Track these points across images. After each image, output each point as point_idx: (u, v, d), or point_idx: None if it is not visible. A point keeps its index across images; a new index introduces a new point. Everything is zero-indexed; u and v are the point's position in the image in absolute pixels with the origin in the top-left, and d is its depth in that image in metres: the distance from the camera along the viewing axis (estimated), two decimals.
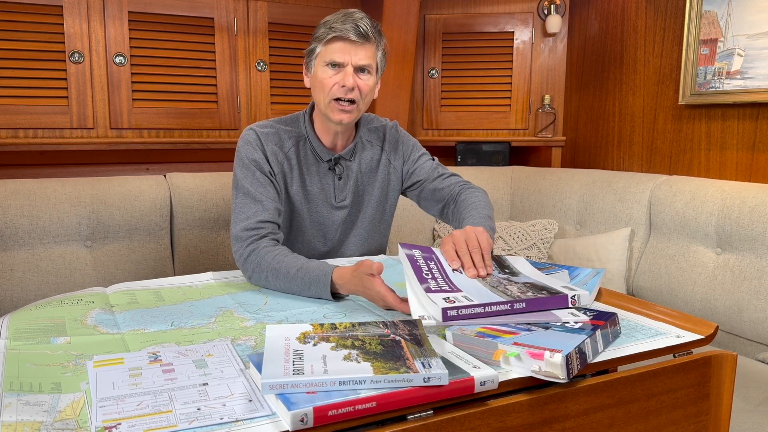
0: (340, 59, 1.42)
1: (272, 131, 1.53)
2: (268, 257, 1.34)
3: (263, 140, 1.50)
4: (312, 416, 0.71)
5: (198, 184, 2.23)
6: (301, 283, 1.27)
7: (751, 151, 2.19)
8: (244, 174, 1.47)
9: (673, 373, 0.96)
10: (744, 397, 1.53)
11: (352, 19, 1.41)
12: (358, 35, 1.41)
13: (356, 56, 1.42)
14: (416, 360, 0.81)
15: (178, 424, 0.71)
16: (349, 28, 1.40)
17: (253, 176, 1.46)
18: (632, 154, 2.67)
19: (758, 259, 1.85)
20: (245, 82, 2.62)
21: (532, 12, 2.93)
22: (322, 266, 1.27)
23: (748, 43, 2.13)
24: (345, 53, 1.42)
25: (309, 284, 1.26)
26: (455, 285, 1.09)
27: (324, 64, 1.44)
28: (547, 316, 1.02)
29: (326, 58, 1.43)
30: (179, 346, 0.96)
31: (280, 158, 1.52)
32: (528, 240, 2.43)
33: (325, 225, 1.59)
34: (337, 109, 1.45)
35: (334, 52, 1.42)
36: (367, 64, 1.44)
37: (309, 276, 1.26)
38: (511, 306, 1.02)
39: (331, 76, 1.43)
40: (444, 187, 1.63)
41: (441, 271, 1.15)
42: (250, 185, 1.45)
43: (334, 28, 1.41)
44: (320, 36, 1.44)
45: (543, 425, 0.85)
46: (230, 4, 2.56)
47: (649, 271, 2.17)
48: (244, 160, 1.49)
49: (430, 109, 3.00)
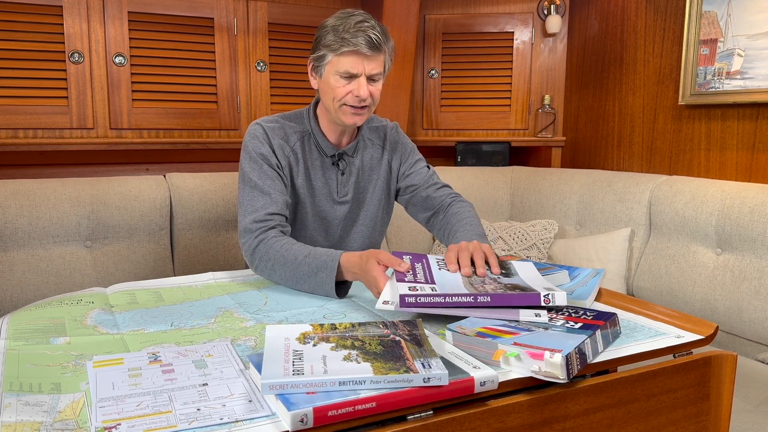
0: (354, 71, 1.45)
1: (278, 126, 1.55)
2: (276, 246, 1.36)
3: (270, 134, 1.53)
4: (312, 416, 0.71)
5: (198, 185, 2.23)
6: (308, 269, 1.28)
7: (751, 151, 2.19)
8: (252, 167, 1.48)
9: (673, 373, 0.96)
10: (744, 397, 1.53)
11: (362, 31, 1.42)
12: (371, 48, 1.43)
13: (369, 66, 1.45)
14: (416, 360, 0.81)
15: (177, 425, 0.71)
16: (362, 42, 1.41)
17: (260, 169, 1.48)
18: (632, 154, 2.67)
19: (758, 259, 1.85)
20: (245, 83, 2.62)
21: (532, 12, 2.92)
22: (330, 252, 1.29)
23: (748, 43, 2.13)
24: (358, 64, 1.44)
25: (316, 270, 1.27)
26: (432, 279, 1.10)
27: (336, 74, 1.46)
28: (510, 313, 1.01)
29: (339, 68, 1.45)
30: (179, 346, 0.96)
31: (286, 152, 1.54)
32: (528, 240, 2.43)
33: (328, 219, 1.61)
34: (350, 113, 1.49)
35: (348, 64, 1.44)
36: (378, 72, 1.47)
37: (317, 261, 1.28)
38: (474, 299, 1.02)
39: (344, 86, 1.46)
40: (435, 197, 1.65)
41: (425, 269, 1.15)
42: (258, 178, 1.46)
43: (346, 41, 1.42)
44: (331, 45, 1.44)
45: (543, 425, 0.85)
46: (230, 4, 2.55)
47: (649, 272, 2.17)
48: (252, 153, 1.50)
49: (429, 109, 3.00)
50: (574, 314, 1.02)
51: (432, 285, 1.07)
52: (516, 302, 1.02)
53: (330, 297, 1.27)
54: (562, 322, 0.99)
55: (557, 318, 1.01)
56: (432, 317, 1.10)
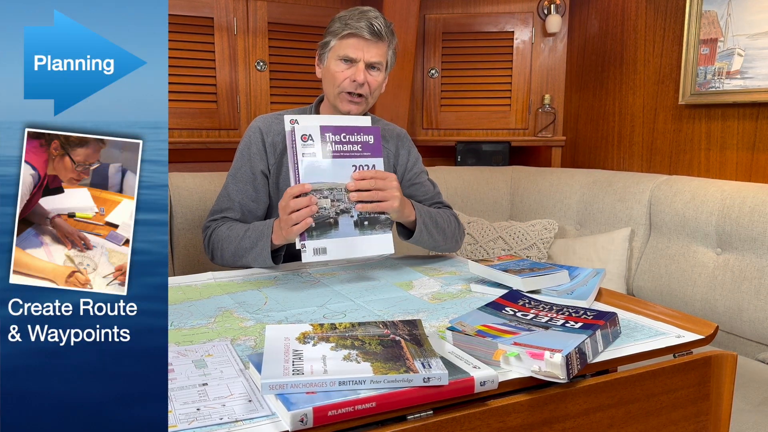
0: (353, 55, 1.49)
1: (276, 121, 1.60)
2: (223, 228, 1.53)
3: (264, 132, 1.59)
4: (312, 416, 0.71)
5: (198, 184, 2.23)
6: (249, 242, 1.42)
7: (751, 151, 2.19)
8: (234, 167, 1.61)
9: (673, 373, 0.96)
10: (744, 397, 1.53)
11: (366, 17, 1.47)
12: (371, 33, 1.47)
13: (368, 53, 1.49)
14: (416, 360, 0.81)
15: (177, 425, 0.71)
16: (363, 26, 1.46)
17: (239, 172, 1.59)
18: (632, 153, 2.67)
19: (758, 259, 1.85)
20: (245, 82, 2.62)
21: (532, 12, 2.92)
22: (266, 222, 1.44)
23: (748, 43, 2.13)
24: (358, 49, 1.49)
25: (256, 240, 1.41)
26: (337, 154, 1.29)
27: (337, 58, 1.51)
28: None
29: (340, 52, 1.50)
30: (179, 346, 0.96)
31: (278, 149, 1.59)
32: (528, 240, 2.43)
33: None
34: (346, 100, 1.53)
35: (348, 47, 1.49)
36: (377, 61, 1.51)
37: (256, 232, 1.42)
38: (295, 180, 1.23)
39: (343, 71, 1.50)
40: None
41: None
42: (232, 181, 1.60)
43: (349, 25, 1.47)
44: (335, 30, 1.50)
45: (543, 425, 0.85)
46: (230, 4, 2.55)
47: (649, 271, 2.17)
48: (242, 151, 1.60)
49: (429, 109, 3.00)
50: (574, 314, 1.02)
51: (320, 155, 1.27)
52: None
53: (269, 265, 1.42)
54: (562, 321, 0.99)
55: (557, 318, 1.01)
56: (431, 318, 1.10)
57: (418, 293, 1.28)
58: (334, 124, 1.30)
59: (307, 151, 1.25)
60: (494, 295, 1.19)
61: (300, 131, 1.27)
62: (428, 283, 1.37)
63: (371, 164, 1.33)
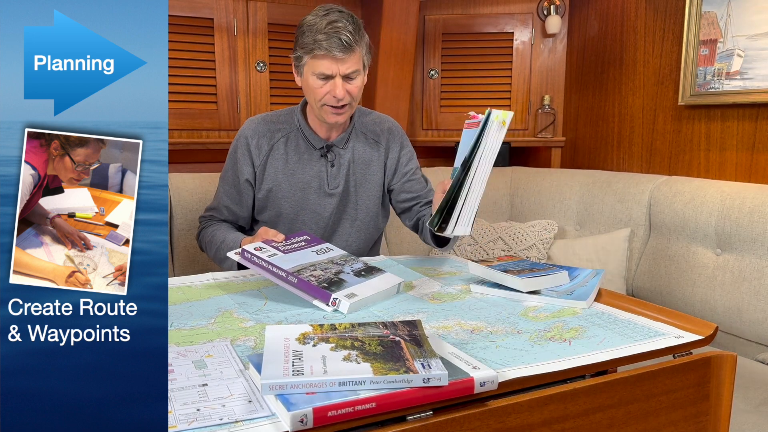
0: (328, 71, 1.48)
1: (263, 125, 1.64)
2: (207, 230, 1.66)
3: (251, 137, 1.63)
4: (311, 417, 0.71)
5: (198, 185, 2.23)
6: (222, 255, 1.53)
7: (750, 152, 2.19)
8: (223, 170, 1.69)
9: (672, 373, 0.96)
10: (744, 398, 1.53)
11: (336, 33, 1.44)
12: (342, 50, 1.45)
13: (343, 67, 1.48)
14: (416, 361, 0.81)
15: (177, 425, 0.71)
16: (333, 45, 1.44)
17: (226, 175, 1.67)
18: (632, 154, 2.67)
19: (758, 259, 1.85)
20: (245, 83, 2.62)
21: (532, 12, 2.92)
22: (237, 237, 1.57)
23: (748, 43, 2.13)
24: (332, 67, 1.48)
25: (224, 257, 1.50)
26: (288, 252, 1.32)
27: (313, 75, 1.50)
28: (308, 297, 1.20)
29: (314, 70, 1.49)
30: (179, 346, 0.96)
31: (264, 151, 1.62)
32: (528, 240, 2.43)
33: (317, 212, 1.65)
34: (330, 112, 1.53)
35: (321, 66, 1.48)
36: (354, 71, 1.50)
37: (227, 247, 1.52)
38: (285, 276, 1.23)
39: (322, 86, 1.50)
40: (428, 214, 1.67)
41: (297, 247, 1.37)
42: (221, 183, 1.68)
43: (318, 43, 1.45)
44: (306, 46, 1.48)
45: (543, 425, 0.85)
46: (230, 5, 2.55)
47: (649, 272, 2.17)
48: (230, 155, 1.67)
49: (429, 110, 3.00)
50: None
51: (281, 255, 1.30)
52: (312, 292, 1.19)
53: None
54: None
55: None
56: (431, 318, 1.10)
57: (418, 293, 1.29)
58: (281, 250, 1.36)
59: (269, 254, 1.30)
60: (494, 295, 1.19)
61: (251, 250, 1.32)
62: (428, 283, 1.37)
63: (325, 247, 1.40)
